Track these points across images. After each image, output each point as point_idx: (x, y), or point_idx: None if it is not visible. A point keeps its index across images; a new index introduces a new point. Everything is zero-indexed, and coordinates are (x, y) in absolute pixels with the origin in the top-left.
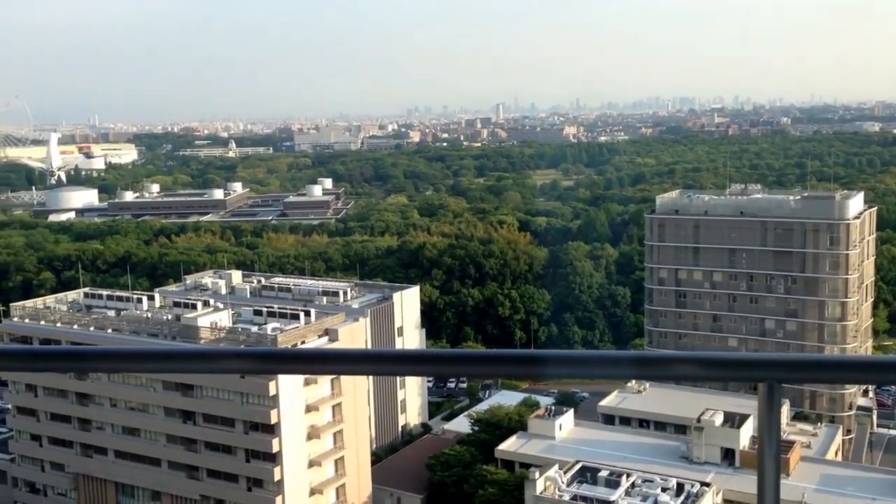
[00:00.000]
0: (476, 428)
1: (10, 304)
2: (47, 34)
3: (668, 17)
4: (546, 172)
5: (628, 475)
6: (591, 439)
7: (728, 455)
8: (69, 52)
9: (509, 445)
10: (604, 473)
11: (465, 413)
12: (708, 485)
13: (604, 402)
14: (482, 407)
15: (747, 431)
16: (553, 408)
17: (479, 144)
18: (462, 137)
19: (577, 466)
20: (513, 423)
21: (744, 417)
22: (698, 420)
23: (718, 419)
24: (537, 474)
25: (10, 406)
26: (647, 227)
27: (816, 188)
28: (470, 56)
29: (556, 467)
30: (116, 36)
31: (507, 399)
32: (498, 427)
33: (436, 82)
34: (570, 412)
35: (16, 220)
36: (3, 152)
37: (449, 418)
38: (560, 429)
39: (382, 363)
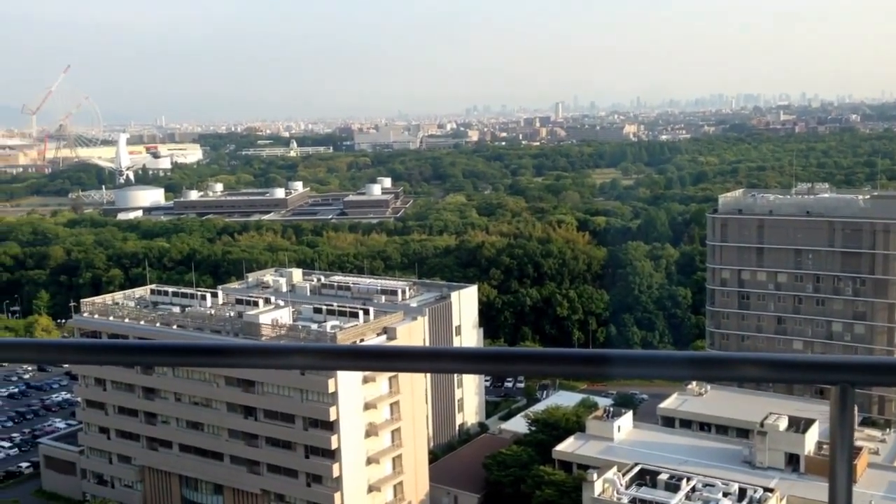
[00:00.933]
0: (533, 428)
1: (81, 300)
2: (117, 38)
3: (732, 13)
4: (605, 171)
5: (688, 479)
6: (650, 441)
7: (792, 460)
8: (138, 54)
9: (567, 446)
10: (663, 477)
11: (522, 413)
12: (771, 490)
13: (663, 405)
14: (539, 407)
15: (813, 436)
16: (612, 409)
17: (537, 143)
18: (521, 136)
19: (636, 469)
20: (570, 424)
21: (809, 422)
22: (761, 424)
23: (783, 424)
24: (595, 476)
25: (79, 399)
26: (710, 227)
27: (886, 187)
28: (529, 55)
29: (614, 469)
30: (183, 38)
31: (564, 400)
32: (555, 428)
33: (495, 81)
34: (629, 414)
35: (86, 218)
36: (74, 152)
37: (506, 418)
38: (619, 430)
39: (443, 361)
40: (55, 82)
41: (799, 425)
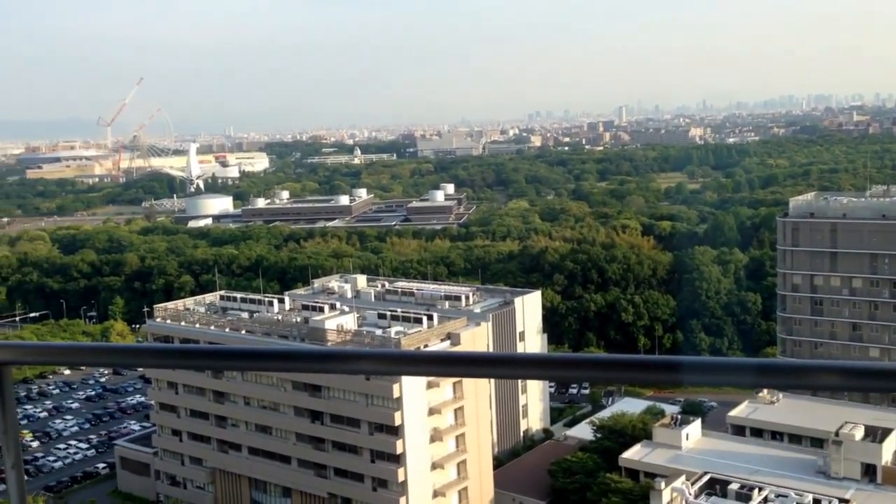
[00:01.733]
0: (599, 435)
1: (154, 306)
2: (188, 51)
3: (799, 14)
4: (671, 175)
5: (760, 489)
6: (719, 450)
7: (869, 471)
8: (207, 66)
9: (634, 454)
10: (734, 486)
11: (588, 420)
12: (847, 501)
13: (733, 413)
14: (605, 414)
15: (890, 446)
16: (679, 416)
17: (601, 148)
18: (584, 141)
19: (706, 478)
20: (637, 431)
21: (887, 431)
22: (836, 433)
23: (859, 433)
24: (663, 485)
25: (153, 402)
26: (780, 231)
27: None
28: (592, 60)
29: (682, 478)
30: (250, 51)
31: (630, 406)
32: (621, 435)
33: (557, 86)
34: (698, 421)
35: (159, 226)
36: (147, 162)
37: (571, 424)
38: (687, 438)
39: (509, 366)
40: (129, 95)
41: (876, 435)
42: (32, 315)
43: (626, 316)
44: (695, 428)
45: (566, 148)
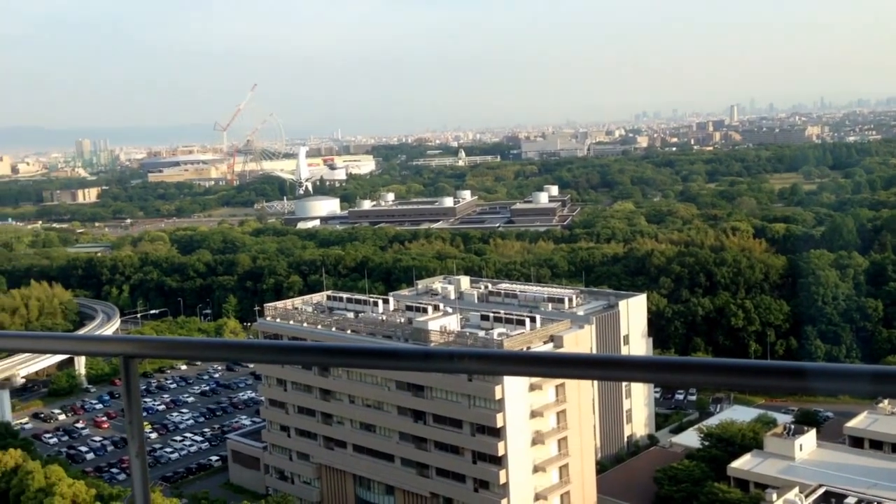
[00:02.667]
0: (706, 443)
1: (265, 305)
2: (300, 58)
3: None
4: (785, 176)
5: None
6: (836, 462)
7: None
8: (318, 72)
9: (743, 463)
10: (851, 500)
11: (695, 427)
12: None
13: (851, 423)
14: (712, 421)
15: None
16: (792, 426)
17: (710, 148)
18: (692, 141)
19: (821, 491)
20: (746, 440)
21: None
22: None
23: None
24: (774, 496)
25: (263, 398)
26: None
27: None
28: (702, 58)
29: (795, 490)
30: (359, 55)
31: (739, 414)
32: (730, 443)
33: (666, 86)
34: (812, 432)
35: (270, 227)
36: (259, 166)
37: (677, 431)
38: (801, 449)
39: (616, 368)
40: (244, 101)
41: None
42: (152, 312)
43: (736, 321)
44: (809, 438)
45: (674, 148)
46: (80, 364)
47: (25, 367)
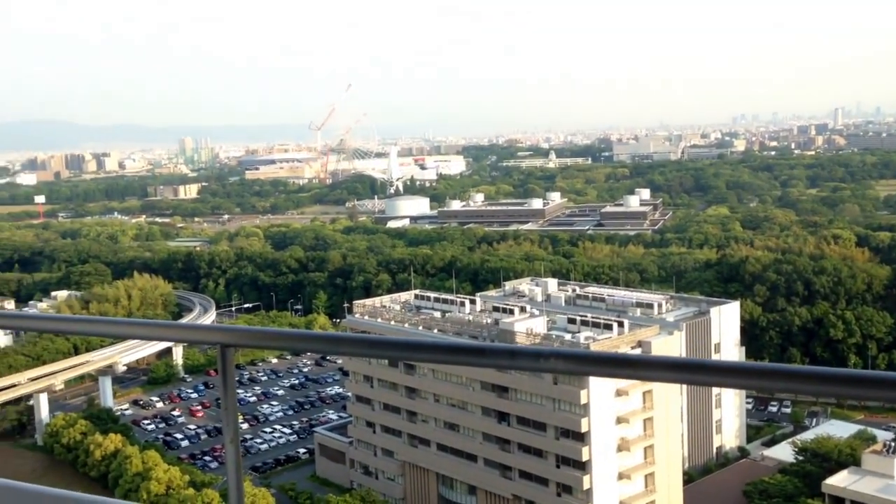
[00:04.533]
0: (800, 457)
1: (354, 302)
2: (393, 59)
3: None
4: (891, 183)
5: None
6: None
7: None
8: (410, 73)
9: (839, 480)
10: None
11: (789, 440)
12: None
13: None
14: (807, 435)
15: None
16: (893, 443)
17: (812, 153)
18: (793, 145)
19: None
20: (843, 457)
21: None
22: None
23: None
24: None
25: (350, 394)
26: None
27: None
28: (804, 60)
29: None
30: (451, 56)
31: (836, 429)
32: (826, 459)
33: (765, 87)
34: None
35: (360, 225)
36: (352, 165)
37: (769, 444)
38: None
39: (703, 373)
40: (338, 101)
41: None
42: (246, 306)
43: (836, 332)
44: None
45: (773, 152)
46: (178, 354)
47: (127, 355)
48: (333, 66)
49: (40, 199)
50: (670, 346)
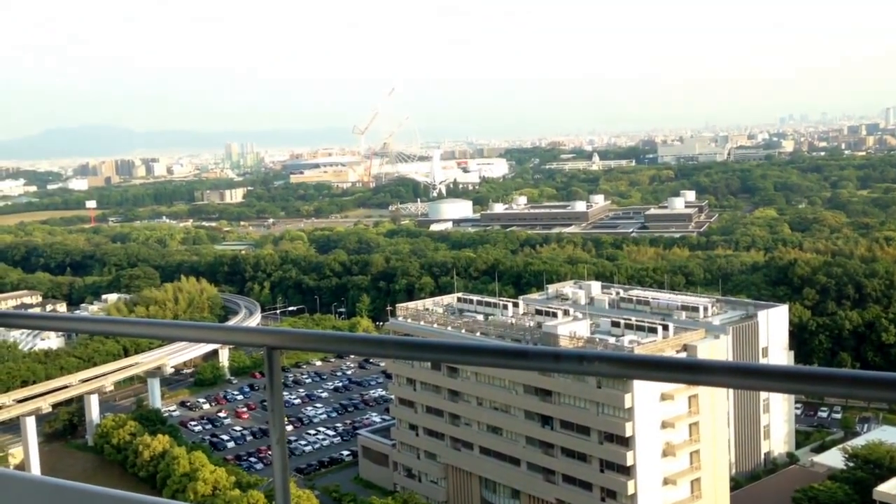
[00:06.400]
0: (851, 464)
1: (396, 305)
2: (435, 61)
3: None
4: None
5: None
6: None
7: None
8: (453, 75)
9: (891, 488)
10: None
11: (839, 446)
12: None
13: None
14: (858, 441)
15: None
16: None
17: (863, 153)
18: (843, 146)
19: None
20: (895, 464)
21: None
22: None
23: None
24: None
25: (393, 397)
26: None
27: None
28: (854, 58)
29: None
30: (493, 59)
31: (889, 435)
32: (877, 465)
33: (814, 87)
34: None
35: (403, 229)
36: (395, 168)
37: (819, 450)
38: None
39: (755, 378)
40: (381, 105)
41: None
42: (291, 309)
43: (888, 337)
44: None
45: (822, 153)
46: (224, 356)
47: (174, 357)
48: (378, 72)
49: (91, 203)
50: (717, 350)
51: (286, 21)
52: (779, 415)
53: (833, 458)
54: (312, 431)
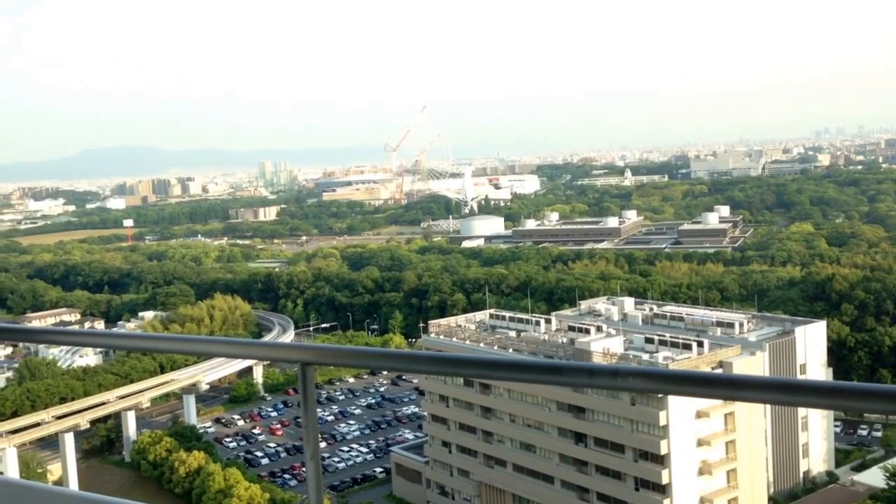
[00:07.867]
0: (892, 483)
1: (429, 322)
2: (466, 80)
3: None
4: None
5: None
6: None
7: None
8: (484, 94)
9: None
10: None
11: (880, 465)
12: None
13: None
14: None
15: None
16: None
17: None
18: (881, 159)
19: None
20: None
21: None
22: None
23: None
24: None
25: (426, 413)
26: None
27: None
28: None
29: None
30: (523, 74)
31: None
32: None
33: (851, 100)
34: None
35: (435, 246)
36: (427, 185)
37: (859, 469)
38: None
39: (794, 394)
40: (413, 122)
41: None
42: (324, 325)
43: None
44: None
45: (860, 167)
46: (258, 373)
47: (210, 374)
48: (410, 94)
49: (128, 222)
50: (753, 366)
51: (322, 44)
52: (818, 432)
53: (874, 477)
54: (346, 448)
